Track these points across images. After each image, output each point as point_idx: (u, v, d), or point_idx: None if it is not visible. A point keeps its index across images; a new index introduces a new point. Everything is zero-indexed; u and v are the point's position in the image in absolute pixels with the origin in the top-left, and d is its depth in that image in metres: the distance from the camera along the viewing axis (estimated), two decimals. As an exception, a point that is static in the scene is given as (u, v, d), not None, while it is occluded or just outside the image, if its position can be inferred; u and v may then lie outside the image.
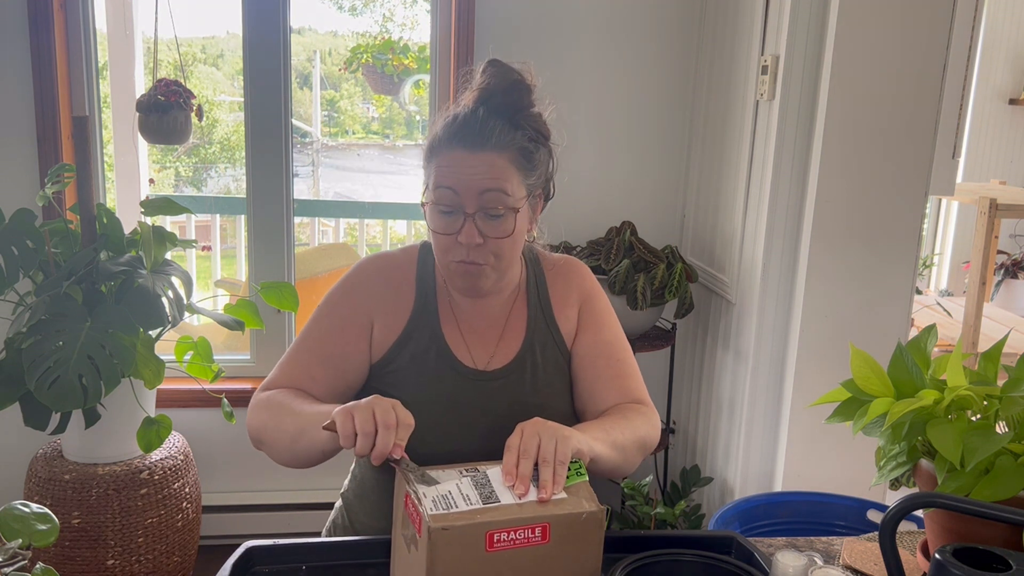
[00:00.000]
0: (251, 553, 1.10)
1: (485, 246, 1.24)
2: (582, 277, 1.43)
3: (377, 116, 7.59)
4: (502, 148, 1.24)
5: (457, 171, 1.23)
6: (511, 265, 1.31)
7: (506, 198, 1.23)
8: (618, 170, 2.77)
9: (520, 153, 1.26)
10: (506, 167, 1.24)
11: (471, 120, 1.25)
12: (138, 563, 2.26)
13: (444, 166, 1.25)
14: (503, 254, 1.27)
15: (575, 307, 1.40)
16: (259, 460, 2.79)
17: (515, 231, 1.26)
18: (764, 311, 2.22)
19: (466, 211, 1.23)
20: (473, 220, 1.23)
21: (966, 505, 0.86)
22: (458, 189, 1.23)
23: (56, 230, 2.24)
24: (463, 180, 1.23)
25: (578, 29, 2.67)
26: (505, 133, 1.25)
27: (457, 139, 1.24)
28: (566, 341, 1.38)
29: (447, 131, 1.26)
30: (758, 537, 1.33)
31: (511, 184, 1.24)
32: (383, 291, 1.35)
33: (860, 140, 2.05)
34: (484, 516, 0.96)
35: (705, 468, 2.60)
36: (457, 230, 1.24)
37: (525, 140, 1.27)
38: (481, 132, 1.24)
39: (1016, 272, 3.64)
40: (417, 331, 1.33)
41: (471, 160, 1.23)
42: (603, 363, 1.36)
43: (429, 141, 1.29)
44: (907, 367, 1.06)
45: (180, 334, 2.57)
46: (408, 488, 1.01)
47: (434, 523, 0.94)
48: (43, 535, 0.92)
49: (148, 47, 2.93)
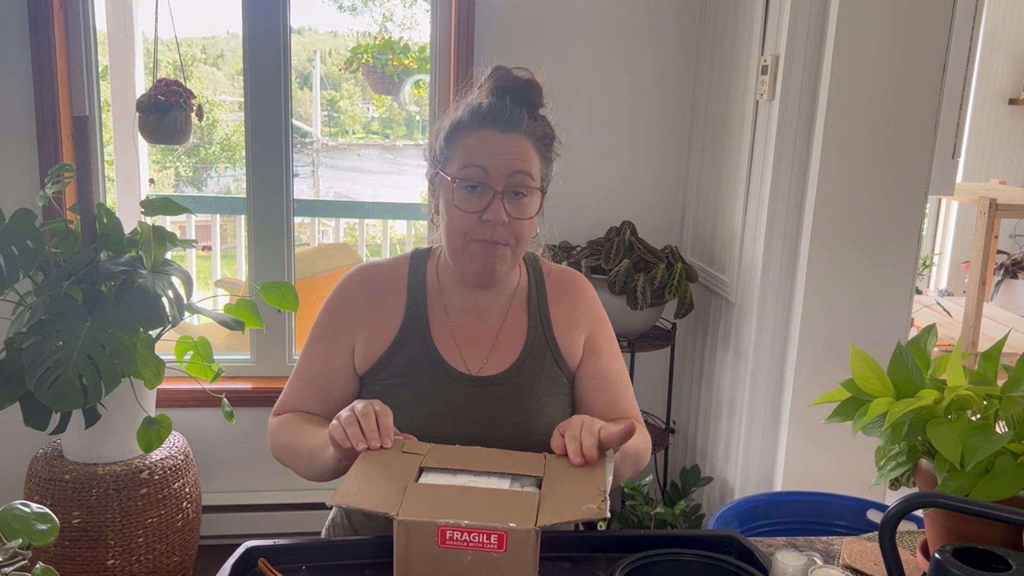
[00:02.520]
0: (251, 553, 1.10)
1: (508, 227, 1.27)
2: (589, 300, 1.44)
3: (377, 116, 7.60)
4: (529, 133, 1.29)
5: (489, 150, 1.26)
6: (524, 251, 1.35)
7: (531, 180, 1.28)
8: (618, 170, 2.77)
9: (542, 141, 1.31)
10: (533, 152, 1.29)
11: (499, 106, 1.29)
12: (138, 563, 2.26)
13: (475, 145, 1.27)
14: (523, 236, 1.30)
15: (582, 331, 1.41)
16: (259, 460, 2.80)
17: (536, 214, 1.30)
18: (764, 311, 2.22)
19: (495, 189, 1.25)
20: (502, 198, 1.25)
21: (966, 505, 0.86)
22: (489, 168, 1.25)
23: (56, 230, 2.24)
24: (495, 159, 1.26)
25: (578, 29, 2.67)
26: (530, 122, 1.30)
27: (488, 121, 1.28)
28: (567, 361, 1.39)
29: (474, 115, 1.29)
30: (758, 537, 1.33)
31: (535, 168, 1.29)
32: (369, 303, 1.37)
33: (860, 140, 2.05)
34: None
35: (705, 468, 2.60)
36: (483, 208, 1.25)
37: (545, 130, 1.32)
38: (511, 117, 1.28)
39: (1016, 272, 3.64)
40: (408, 338, 1.34)
41: (504, 140, 1.27)
42: (606, 386, 1.40)
43: (451, 125, 1.31)
44: (907, 367, 1.06)
45: (180, 334, 2.57)
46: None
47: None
48: (43, 535, 0.92)
49: (148, 47, 2.93)
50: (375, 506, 0.99)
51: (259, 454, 2.77)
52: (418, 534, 0.97)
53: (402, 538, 0.97)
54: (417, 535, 0.97)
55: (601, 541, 1.19)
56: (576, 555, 1.16)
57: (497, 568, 0.97)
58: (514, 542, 0.96)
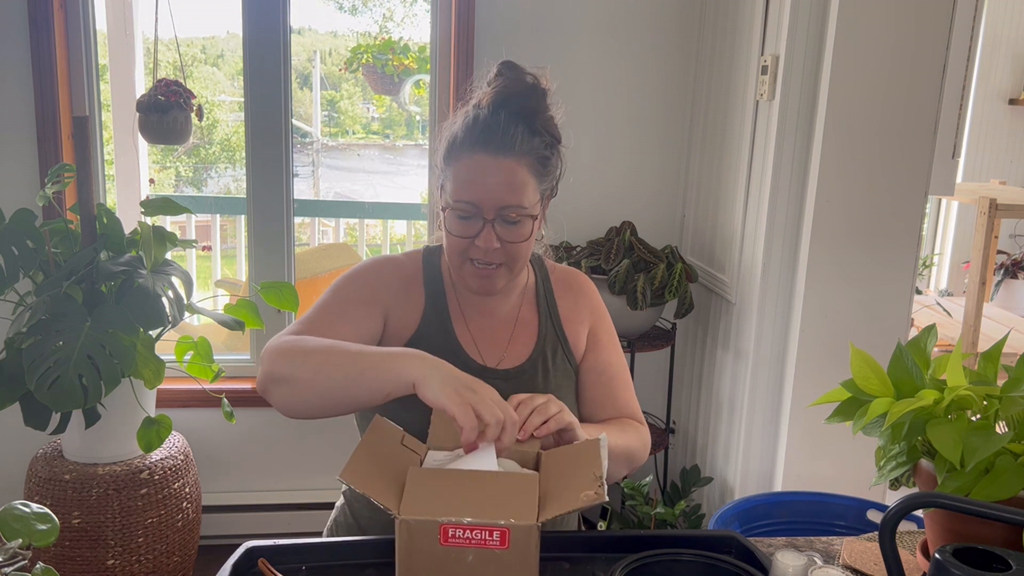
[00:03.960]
0: (251, 553, 1.10)
1: (501, 249, 1.27)
2: (591, 295, 1.48)
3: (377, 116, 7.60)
4: (522, 155, 1.26)
5: (479, 179, 1.24)
6: (524, 267, 1.35)
7: (522, 210, 1.26)
8: (618, 170, 2.77)
9: (538, 160, 1.28)
10: (525, 176, 1.26)
11: (493, 124, 1.26)
12: (138, 563, 2.26)
13: (465, 173, 1.26)
14: (519, 256, 1.30)
15: (585, 325, 1.45)
16: (259, 460, 2.80)
17: (531, 236, 1.30)
18: (764, 311, 2.22)
19: (485, 217, 1.25)
20: (492, 226, 1.25)
21: (966, 505, 0.86)
22: (477, 201, 1.24)
23: (56, 230, 2.24)
24: (484, 190, 1.24)
25: (578, 29, 2.67)
26: (526, 140, 1.26)
27: (480, 143, 1.25)
28: (574, 353, 1.43)
29: (468, 134, 1.27)
30: (758, 537, 1.33)
31: (528, 194, 1.26)
32: (396, 288, 1.37)
33: (860, 140, 2.05)
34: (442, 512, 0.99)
35: (705, 468, 2.60)
36: (475, 234, 1.26)
37: (543, 147, 1.29)
38: (503, 138, 1.25)
39: (1016, 272, 3.63)
40: (430, 330, 1.36)
41: (493, 166, 1.24)
42: (605, 380, 1.43)
43: (448, 141, 1.30)
44: (907, 367, 1.06)
45: (180, 334, 2.57)
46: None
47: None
48: (43, 535, 0.92)
49: (148, 47, 2.93)
50: (379, 497, 0.99)
51: (259, 454, 2.77)
52: (420, 533, 0.97)
53: (404, 537, 0.97)
54: (419, 534, 0.97)
55: (601, 541, 1.19)
56: (576, 555, 1.16)
57: (499, 564, 0.97)
58: (516, 538, 0.96)
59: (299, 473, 2.79)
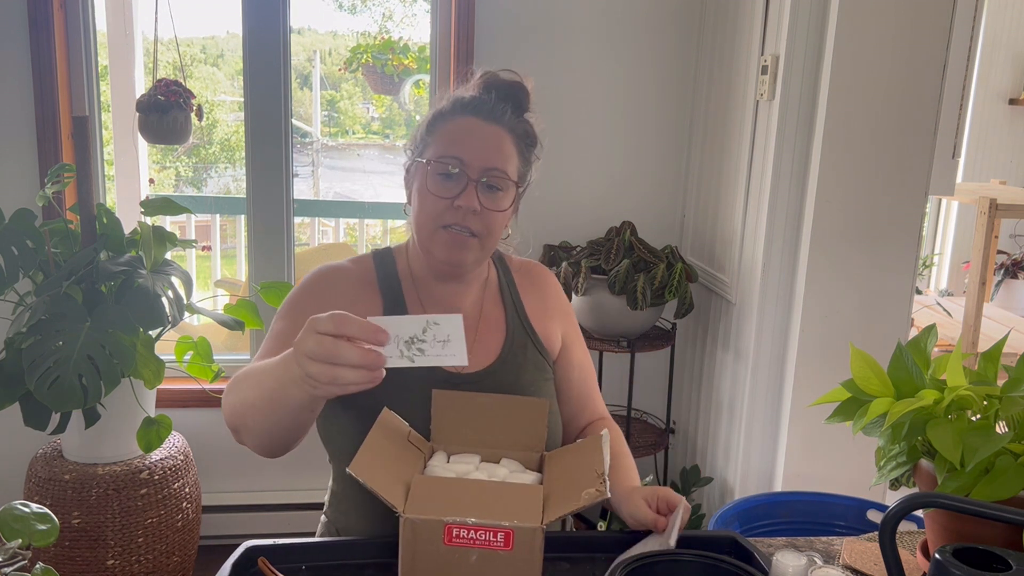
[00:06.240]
0: (251, 553, 1.10)
1: (479, 217, 1.24)
2: (556, 291, 1.47)
3: (377, 116, 7.60)
4: (511, 128, 1.28)
5: (468, 137, 1.26)
6: (494, 247, 1.32)
7: (507, 176, 1.27)
8: (618, 170, 2.77)
9: (522, 139, 1.30)
10: (511, 147, 1.28)
11: (484, 98, 1.29)
12: (138, 563, 2.26)
13: (455, 131, 1.27)
14: (493, 229, 1.27)
15: (557, 323, 1.43)
16: (259, 460, 2.80)
17: (508, 209, 1.29)
18: (764, 311, 2.22)
19: (470, 176, 1.24)
20: (476, 186, 1.24)
21: (966, 505, 0.86)
22: (466, 158, 1.24)
23: (56, 230, 2.24)
24: (473, 149, 1.25)
25: (578, 29, 2.66)
26: (513, 119, 1.29)
27: (470, 110, 1.28)
28: (546, 346, 1.39)
29: (457, 104, 1.29)
30: (758, 537, 1.33)
31: (512, 164, 1.28)
32: (349, 295, 1.30)
33: (860, 140, 2.05)
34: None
35: (705, 468, 2.60)
36: (456, 194, 1.24)
37: (525, 135, 1.31)
38: (493, 110, 1.28)
39: (1016, 272, 3.63)
40: None
41: (484, 129, 1.27)
42: (583, 377, 1.45)
43: (434, 114, 1.30)
44: (907, 367, 1.06)
45: (180, 334, 2.57)
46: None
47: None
48: (43, 535, 0.92)
49: (148, 47, 2.93)
50: (386, 494, 0.99)
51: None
52: (425, 532, 0.97)
53: (408, 536, 0.97)
54: (424, 533, 0.97)
55: (601, 541, 1.19)
56: (576, 555, 1.16)
57: (503, 566, 0.97)
58: (520, 540, 0.96)
59: (299, 473, 2.79)
